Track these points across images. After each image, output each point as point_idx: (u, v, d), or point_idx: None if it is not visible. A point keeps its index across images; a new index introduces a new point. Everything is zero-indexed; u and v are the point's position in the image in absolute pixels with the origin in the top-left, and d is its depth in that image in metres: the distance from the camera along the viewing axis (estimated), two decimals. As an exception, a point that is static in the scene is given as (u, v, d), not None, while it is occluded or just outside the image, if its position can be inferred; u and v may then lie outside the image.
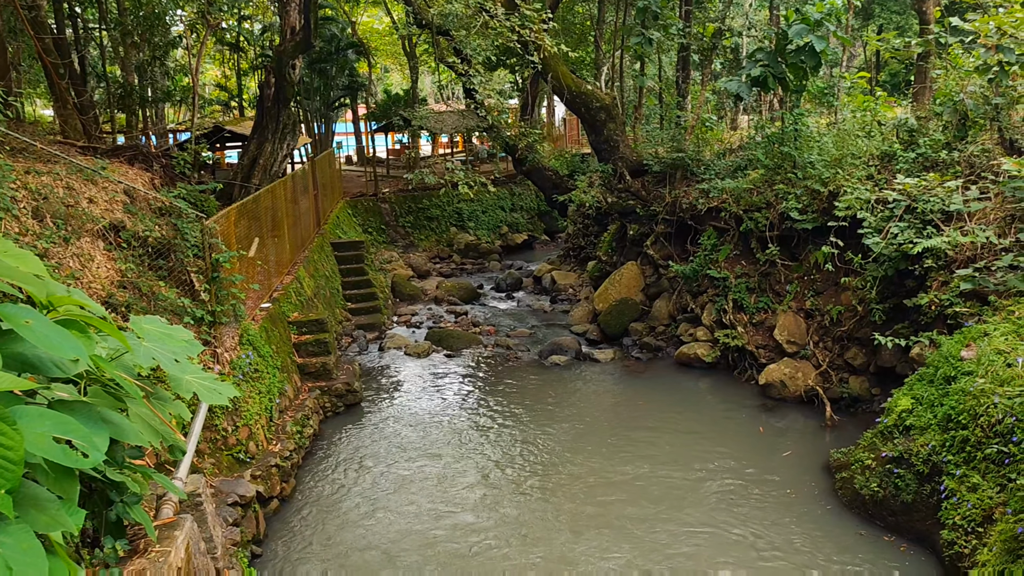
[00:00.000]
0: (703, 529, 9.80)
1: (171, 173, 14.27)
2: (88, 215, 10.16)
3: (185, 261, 11.24)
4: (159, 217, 11.72)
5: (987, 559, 7.55)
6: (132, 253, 10.53)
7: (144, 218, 11.19)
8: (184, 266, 11.17)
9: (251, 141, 17.91)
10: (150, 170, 13.68)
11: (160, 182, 13.58)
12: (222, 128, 26.55)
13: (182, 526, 5.40)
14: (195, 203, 12.94)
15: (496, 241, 30.45)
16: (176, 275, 11.02)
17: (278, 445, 11.16)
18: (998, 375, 8.63)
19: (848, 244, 13.55)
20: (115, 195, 11.22)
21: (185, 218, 11.58)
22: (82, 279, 9.22)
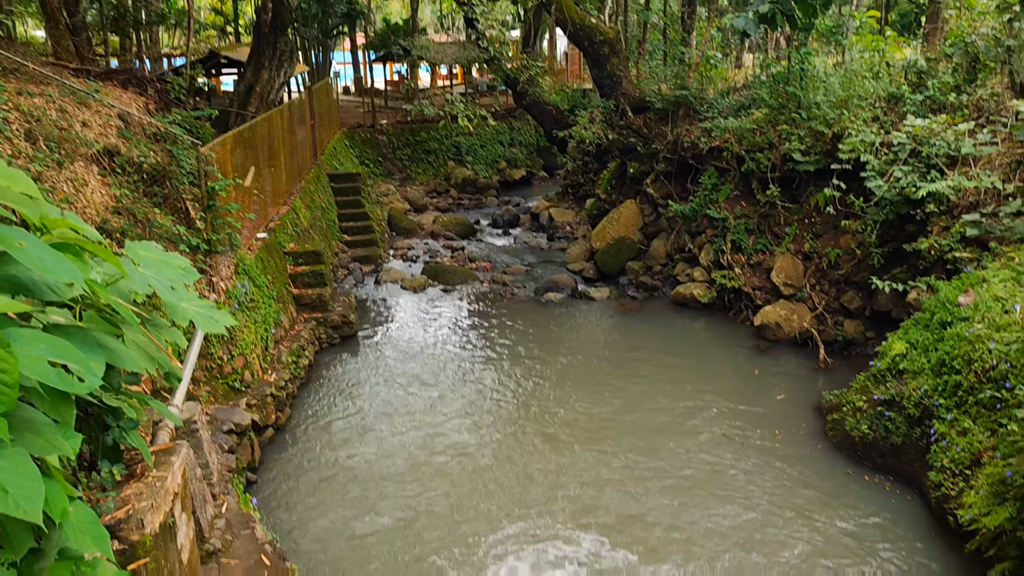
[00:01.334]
0: (693, 463, 9.94)
1: (166, 98, 13.97)
2: (82, 139, 9.98)
3: (180, 188, 11.09)
4: (154, 143, 11.52)
5: (973, 501, 7.65)
6: (127, 179, 10.38)
7: (139, 143, 11.01)
8: (179, 193, 11.03)
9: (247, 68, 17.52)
10: (144, 95, 13.40)
11: (155, 107, 13.31)
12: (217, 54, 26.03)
13: (178, 452, 5.41)
14: (190, 130, 12.71)
15: (494, 176, 30.15)
16: (171, 202, 10.89)
17: (273, 375, 11.20)
18: (995, 321, 8.64)
19: (850, 187, 13.43)
20: (109, 119, 11.01)
21: (180, 144, 11.39)
22: (76, 204, 9.10)
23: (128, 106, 12.06)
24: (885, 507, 8.93)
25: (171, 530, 5.00)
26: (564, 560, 8.09)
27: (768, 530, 8.53)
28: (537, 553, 8.21)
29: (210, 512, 7.20)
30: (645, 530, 8.59)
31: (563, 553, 8.19)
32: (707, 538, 8.42)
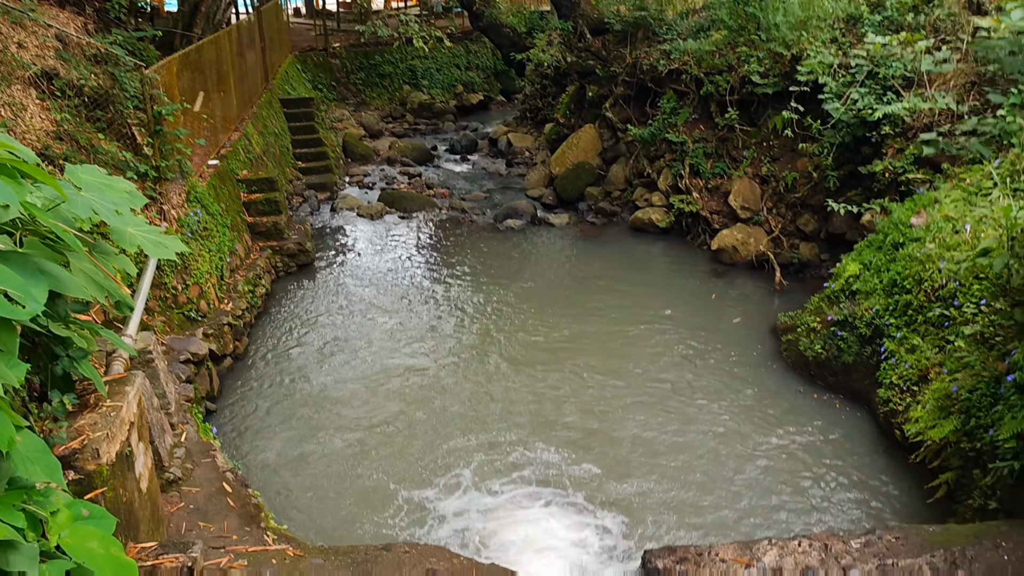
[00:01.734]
0: (652, 383, 10.12)
1: (105, 18, 13.36)
2: (18, 61, 9.54)
3: (125, 113, 10.69)
4: (95, 65, 11.04)
5: (919, 416, 7.91)
6: (67, 103, 9.98)
7: (79, 66, 10.54)
8: (124, 118, 10.64)
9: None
10: (82, 14, 12.78)
11: (94, 27, 12.73)
12: (160, -28, 24.91)
13: (133, 382, 5.34)
14: (133, 51, 12.19)
15: (451, 101, 29.60)
16: (116, 128, 10.51)
17: (230, 304, 11.06)
18: (945, 242, 8.79)
19: (808, 110, 13.41)
20: (46, 40, 10.51)
21: (123, 67, 10.94)
22: (15, 129, 8.74)
23: (66, 26, 11.52)
24: (836, 423, 9.19)
25: (128, 459, 4.96)
26: (525, 473, 8.25)
27: (725, 446, 8.75)
28: (497, 467, 8.36)
29: (169, 442, 7.16)
30: (608, 445, 8.77)
31: (524, 468, 8.34)
32: (668, 453, 8.62)
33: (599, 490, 8.06)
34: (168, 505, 6.53)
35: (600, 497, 7.95)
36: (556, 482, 8.19)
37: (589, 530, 7.49)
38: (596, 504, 7.84)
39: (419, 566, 5.82)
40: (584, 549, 7.24)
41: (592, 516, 7.68)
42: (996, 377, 7.09)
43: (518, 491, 8.06)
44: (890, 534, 6.41)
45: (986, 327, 7.60)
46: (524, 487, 8.13)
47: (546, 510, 7.79)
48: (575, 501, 7.88)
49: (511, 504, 7.89)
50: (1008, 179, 8.98)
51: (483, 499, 7.94)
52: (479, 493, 8.02)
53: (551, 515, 7.72)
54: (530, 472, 8.35)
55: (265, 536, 6.32)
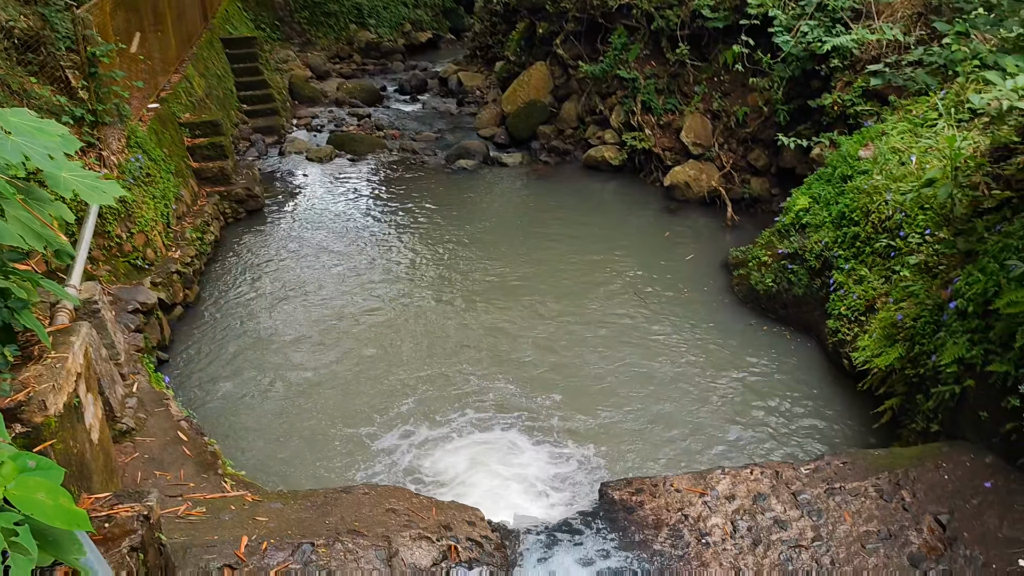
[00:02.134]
0: (607, 319, 10.23)
1: (32, -44, 12.73)
2: (-62, 1, 9.07)
3: (58, 55, 10.26)
4: (23, 5, 10.54)
5: (866, 344, 8.10)
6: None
7: (6, 6, 10.05)
8: (57, 61, 10.21)
9: (122, -79, 16.07)
10: (6, -49, 12.16)
11: (20, -35, 12.13)
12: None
13: (78, 332, 5.22)
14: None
15: (399, 40, 28.94)
16: (49, 71, 10.09)
17: (178, 252, 10.83)
18: (892, 173, 8.91)
19: (758, 44, 13.38)
20: (-33, -21, 9.99)
21: (53, 7, 10.46)
22: (-60, 74, 8.35)
23: (-11, -36, 10.94)
24: (787, 355, 9.39)
25: (77, 410, 4.88)
26: (484, 407, 8.33)
27: (679, 379, 8.90)
28: (455, 402, 8.43)
29: (120, 392, 7.05)
30: (566, 378, 8.87)
31: (482, 401, 8.42)
32: (624, 386, 8.77)
33: (557, 421, 8.19)
34: (122, 456, 6.47)
35: (558, 428, 8.07)
36: (514, 415, 8.28)
37: (547, 462, 7.60)
38: (554, 436, 7.96)
39: (379, 506, 5.86)
40: (543, 481, 7.36)
41: (551, 448, 7.79)
42: (939, 305, 7.27)
43: (476, 424, 8.14)
44: (838, 459, 6.62)
45: (930, 256, 7.77)
46: (483, 420, 8.22)
47: (505, 443, 7.88)
48: (534, 433, 7.99)
49: (469, 438, 7.98)
50: (952, 110, 9.09)
51: (441, 434, 8.01)
52: (437, 428, 8.08)
53: (511, 448, 7.81)
54: (488, 405, 8.46)
55: (223, 483, 6.31)
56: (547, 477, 7.44)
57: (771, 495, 6.20)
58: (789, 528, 5.89)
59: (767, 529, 5.91)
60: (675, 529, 6.01)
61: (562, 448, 7.81)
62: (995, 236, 7.01)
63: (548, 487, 7.32)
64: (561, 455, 7.72)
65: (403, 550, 5.33)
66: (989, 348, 6.43)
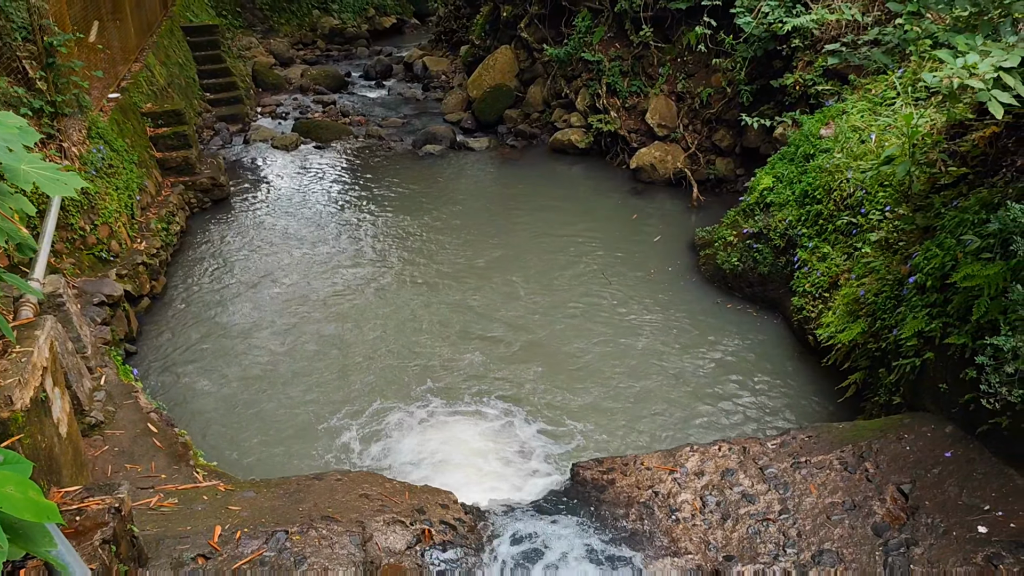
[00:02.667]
0: (574, 299, 10.32)
1: (-17, -57, 12.45)
2: None
3: (14, 45, 10.07)
4: (-25, -5, 10.33)
5: (830, 320, 8.26)
6: (-52, 37, 9.35)
7: (-43, -4, 9.85)
8: (13, 51, 10.02)
9: (76, -93, 15.75)
10: (-43, -61, 11.88)
11: (-29, -46, 11.86)
12: None
13: (43, 326, 5.18)
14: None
15: (363, 25, 28.70)
16: (5, 62, 9.90)
17: (143, 243, 10.72)
18: (852, 151, 9.05)
19: (720, 25, 13.48)
20: (-83, -32, 9.77)
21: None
22: None
23: (-61, -48, 10.69)
24: (754, 332, 9.53)
25: (44, 405, 4.85)
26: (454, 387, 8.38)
27: (648, 358, 9.00)
28: (426, 382, 8.48)
29: (88, 385, 7.00)
30: (535, 356, 8.94)
31: (452, 382, 8.47)
32: (594, 366, 8.85)
33: (527, 399, 8.26)
34: (91, 449, 6.44)
35: (527, 406, 8.15)
36: (484, 392, 8.35)
37: (518, 439, 7.67)
38: (524, 413, 8.03)
39: (352, 492, 5.90)
40: (514, 461, 7.43)
41: (521, 425, 7.86)
42: (899, 280, 7.43)
43: (446, 403, 8.19)
44: (803, 433, 6.76)
45: (890, 233, 7.92)
46: (453, 398, 8.27)
47: (476, 420, 7.94)
48: (503, 410, 8.05)
49: (439, 416, 8.03)
50: (910, 88, 9.24)
51: (411, 413, 8.05)
52: (407, 407, 8.11)
53: (481, 424, 7.87)
54: (459, 383, 8.53)
55: (195, 473, 6.30)
56: (518, 454, 7.51)
57: (739, 470, 6.33)
58: (757, 502, 6.02)
59: (735, 503, 6.03)
60: (646, 506, 6.12)
61: (533, 425, 7.88)
62: (952, 211, 7.17)
63: (519, 465, 7.39)
64: (530, 432, 7.79)
65: (377, 535, 5.37)
66: (947, 321, 6.59)
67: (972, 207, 6.89)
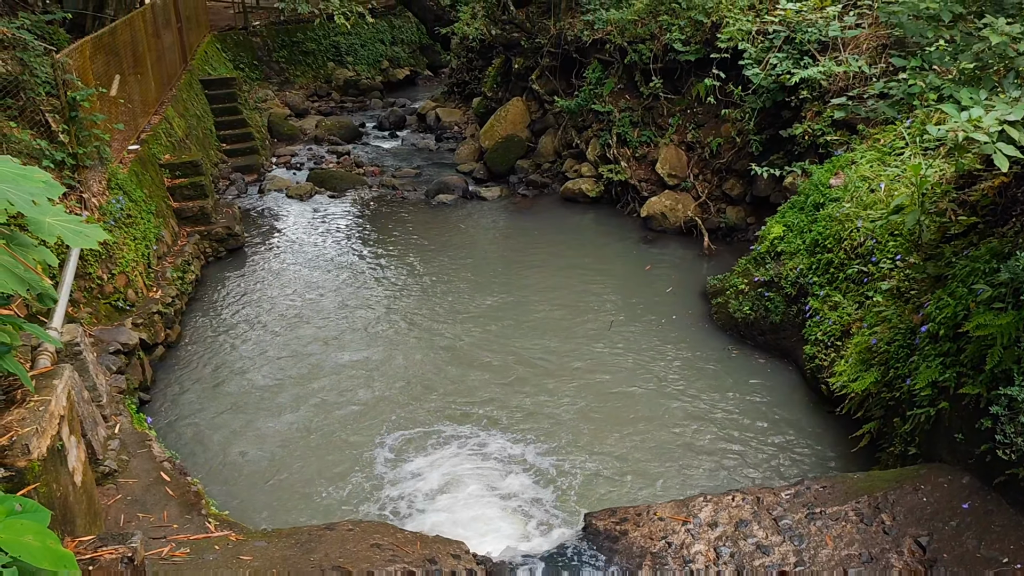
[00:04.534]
0: (588, 350, 10.31)
1: (10, 1, 12.86)
2: (-83, 48, 9.13)
3: (38, 100, 10.33)
4: (2, 51, 10.63)
5: (843, 369, 8.23)
6: (-26, 91, 9.60)
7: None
8: (37, 105, 10.28)
9: (100, -35, 16.26)
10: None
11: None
12: (65, -49, 23.92)
13: (61, 375, 5.24)
14: (42, 35, 11.76)
15: (377, 77, 29.24)
16: (29, 115, 10.15)
17: (159, 292, 10.84)
18: (862, 200, 9.11)
19: (729, 76, 13.69)
20: (-53, 25, 10.08)
21: (32, 52, 10.55)
22: (-81, 120, 8.39)
23: (-32, 10, 11.04)
24: (766, 381, 9.50)
25: (60, 454, 4.89)
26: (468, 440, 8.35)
27: (661, 408, 8.97)
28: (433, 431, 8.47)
29: (102, 434, 7.04)
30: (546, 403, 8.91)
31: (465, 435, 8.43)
32: (608, 415, 8.80)
33: (536, 446, 8.24)
34: (105, 498, 6.45)
35: (538, 453, 8.12)
36: (495, 440, 8.32)
37: (531, 488, 7.63)
38: (535, 461, 7.99)
39: (363, 542, 5.87)
40: (525, 509, 7.38)
41: (533, 474, 7.82)
42: (912, 329, 7.42)
43: (456, 453, 8.16)
44: (818, 484, 6.70)
45: (901, 281, 7.94)
46: (462, 448, 8.24)
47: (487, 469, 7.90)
48: (513, 460, 8.01)
49: (450, 466, 7.99)
50: (918, 138, 9.32)
51: (422, 462, 8.03)
52: (418, 457, 8.09)
53: (493, 473, 7.83)
54: (470, 432, 8.49)
55: (207, 523, 6.30)
56: (529, 502, 7.46)
57: (753, 521, 6.27)
58: (771, 553, 5.96)
59: (750, 555, 5.97)
60: (659, 557, 6.06)
61: (544, 475, 7.84)
62: (963, 260, 7.19)
63: (530, 513, 7.33)
64: (543, 481, 7.75)
65: (389, 586, 5.34)
66: (961, 371, 6.57)
67: (983, 256, 6.91)
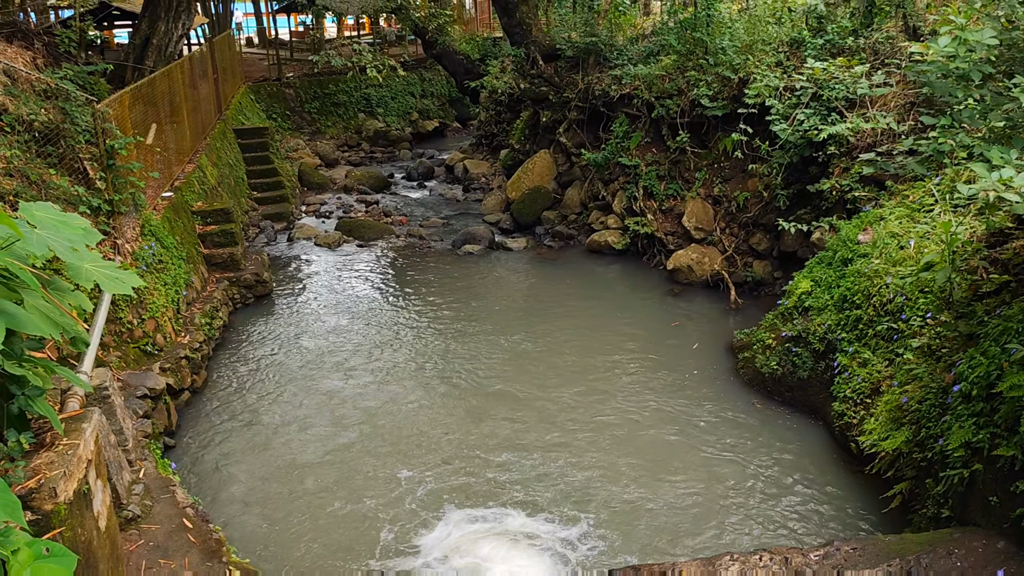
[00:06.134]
0: (610, 404, 10.22)
1: (55, 53, 13.25)
2: (-36, 97, 9.43)
3: (77, 148, 10.60)
4: (44, 100, 10.94)
5: (872, 428, 8.09)
6: (16, 139, 9.85)
7: (28, 101, 10.44)
8: (76, 153, 10.54)
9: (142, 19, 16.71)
10: (31, 48, 12.66)
11: (43, 62, 12.62)
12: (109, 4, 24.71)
13: (90, 419, 5.28)
14: (84, 86, 12.11)
15: (406, 128, 29.73)
16: (68, 163, 10.41)
17: (187, 337, 10.95)
18: (891, 257, 9.05)
19: (756, 131, 13.76)
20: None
21: (74, 101, 10.85)
22: (-37, 166, 8.63)
23: (14, 61, 11.40)
24: (794, 438, 9.35)
25: (86, 498, 4.90)
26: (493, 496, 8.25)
27: (685, 463, 8.84)
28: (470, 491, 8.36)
29: (127, 478, 7.06)
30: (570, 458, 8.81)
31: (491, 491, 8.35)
32: (631, 471, 8.68)
33: (561, 500, 8.12)
34: (127, 543, 6.44)
35: (561, 506, 8.00)
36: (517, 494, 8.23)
37: (554, 542, 7.51)
38: (559, 515, 7.88)
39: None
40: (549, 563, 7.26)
41: (556, 528, 7.70)
42: (943, 388, 7.29)
43: (477, 506, 8.06)
44: (848, 545, 6.55)
45: (932, 339, 7.83)
46: (485, 501, 8.14)
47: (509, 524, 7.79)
48: (537, 511, 7.90)
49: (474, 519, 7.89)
50: (948, 195, 9.28)
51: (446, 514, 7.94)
52: (443, 508, 8.00)
53: (514, 528, 7.72)
54: (494, 490, 8.37)
55: (227, 571, 6.26)
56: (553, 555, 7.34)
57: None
58: (800, 617, 5.80)
59: (778, 618, 5.82)
60: (685, 618, 5.92)
61: (567, 527, 7.73)
62: (995, 319, 7.09)
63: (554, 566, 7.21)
64: (566, 533, 7.63)
65: (409, 640, 5.25)
66: (995, 432, 6.44)
67: (1016, 315, 6.81)
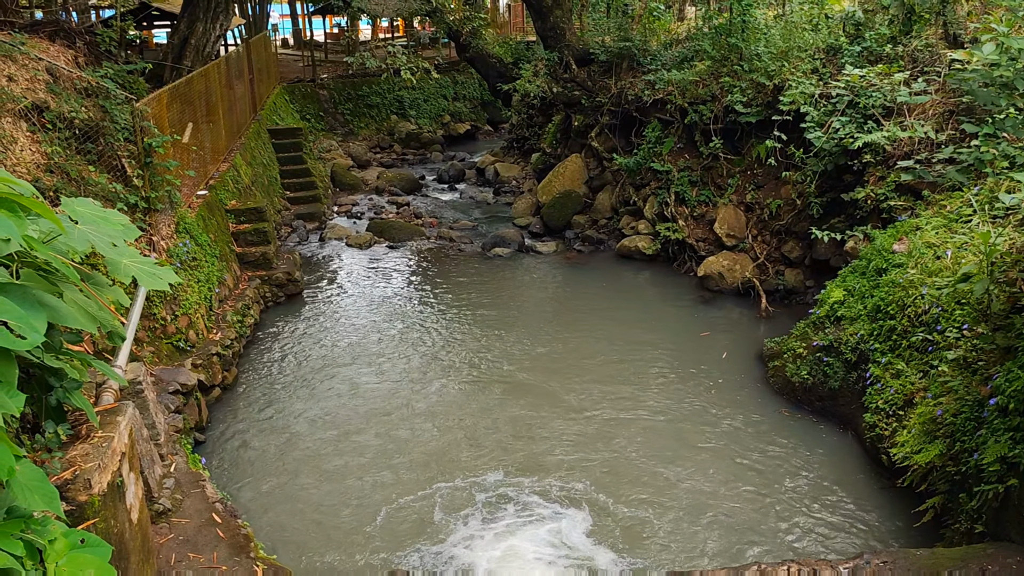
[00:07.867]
0: (640, 411, 10.16)
1: (96, 52, 13.45)
2: (8, 94, 9.60)
3: (115, 145, 10.76)
4: (85, 98, 11.12)
5: (905, 440, 7.97)
6: (58, 136, 10.03)
7: (69, 99, 10.61)
8: (114, 150, 10.71)
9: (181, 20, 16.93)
10: (73, 47, 12.86)
11: (84, 61, 12.81)
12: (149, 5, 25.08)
13: (124, 412, 5.35)
14: (123, 84, 12.29)
15: (438, 131, 29.84)
16: (106, 160, 10.57)
17: (219, 334, 11.06)
18: (927, 267, 8.92)
19: (790, 138, 13.65)
20: (36, 73, 10.58)
21: (113, 100, 11.02)
22: (5, 162, 8.79)
23: (56, 59, 11.60)
24: (824, 448, 9.25)
25: (119, 490, 4.97)
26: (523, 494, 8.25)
27: (714, 471, 8.78)
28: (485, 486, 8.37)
29: (158, 472, 7.15)
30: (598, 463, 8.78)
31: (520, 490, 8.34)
32: (660, 478, 8.64)
33: (586, 506, 8.09)
34: (158, 536, 6.52)
35: (587, 513, 7.98)
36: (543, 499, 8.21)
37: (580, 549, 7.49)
38: (584, 521, 7.85)
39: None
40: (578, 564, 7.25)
41: (581, 535, 7.68)
42: (979, 401, 7.18)
43: (506, 510, 8.06)
44: (878, 558, 6.46)
45: (968, 352, 7.71)
46: (513, 504, 8.14)
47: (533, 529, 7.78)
48: (561, 517, 7.88)
49: (501, 522, 7.89)
50: (986, 206, 9.14)
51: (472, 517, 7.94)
52: (469, 511, 8.01)
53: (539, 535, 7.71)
54: (523, 492, 8.37)
55: (255, 566, 6.31)
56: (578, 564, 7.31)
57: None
58: (829, 629, 5.73)
59: (806, 630, 5.75)
60: (711, 627, 5.87)
61: (592, 534, 7.70)
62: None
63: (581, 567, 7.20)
64: (592, 541, 7.60)
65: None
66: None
67: (1055, 329, 6.69)
